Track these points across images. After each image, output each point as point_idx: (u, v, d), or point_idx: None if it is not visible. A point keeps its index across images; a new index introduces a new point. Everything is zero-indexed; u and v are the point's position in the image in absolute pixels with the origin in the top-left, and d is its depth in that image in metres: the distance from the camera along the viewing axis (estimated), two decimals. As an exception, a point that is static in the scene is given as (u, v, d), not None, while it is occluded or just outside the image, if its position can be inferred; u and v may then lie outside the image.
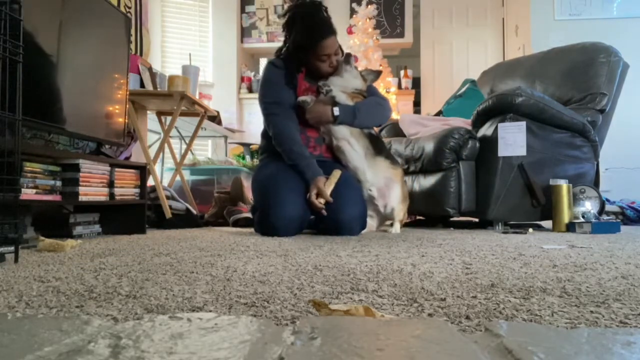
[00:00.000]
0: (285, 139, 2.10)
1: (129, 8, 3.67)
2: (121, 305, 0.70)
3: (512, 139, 2.42)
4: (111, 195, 2.06)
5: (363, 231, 2.13)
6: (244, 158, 4.32)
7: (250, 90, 5.25)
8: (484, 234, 2.12)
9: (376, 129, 2.46)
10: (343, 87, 2.17)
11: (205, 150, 4.86)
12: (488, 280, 0.90)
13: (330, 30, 2.11)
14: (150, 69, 2.99)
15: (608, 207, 2.93)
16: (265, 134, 2.27)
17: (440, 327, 0.57)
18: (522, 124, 2.43)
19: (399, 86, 5.44)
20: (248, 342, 0.49)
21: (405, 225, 2.65)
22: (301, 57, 2.16)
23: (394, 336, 0.51)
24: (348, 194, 2.04)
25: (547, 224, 2.64)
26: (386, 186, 2.21)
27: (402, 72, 5.58)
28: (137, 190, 2.27)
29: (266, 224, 1.99)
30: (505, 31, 5.29)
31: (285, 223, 1.95)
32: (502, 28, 5.35)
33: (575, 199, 2.45)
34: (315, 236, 2.00)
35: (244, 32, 5.46)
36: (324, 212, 1.98)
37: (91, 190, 1.92)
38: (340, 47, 2.23)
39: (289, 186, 2.00)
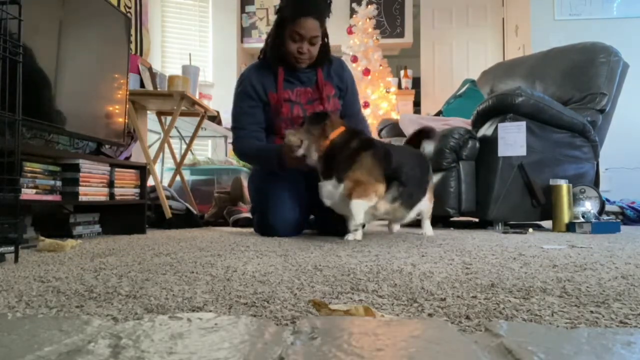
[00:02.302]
0: (248, 154, 2.12)
1: (129, 8, 3.67)
2: (121, 305, 0.70)
3: (512, 139, 2.42)
4: (111, 195, 2.06)
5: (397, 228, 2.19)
6: (244, 158, 4.31)
7: (250, 90, 5.25)
8: (484, 234, 2.12)
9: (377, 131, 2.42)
10: None
11: (205, 150, 4.86)
12: (488, 280, 0.90)
13: (316, 13, 1.94)
14: (150, 69, 2.99)
15: (608, 207, 2.93)
16: None
17: (440, 327, 0.57)
18: (522, 124, 2.43)
19: (399, 86, 5.44)
20: (248, 342, 0.49)
21: (405, 225, 2.65)
22: (280, 37, 2.00)
23: (394, 336, 0.51)
24: None
25: (547, 224, 2.64)
26: None
27: (402, 72, 5.58)
28: (137, 190, 2.27)
29: (265, 226, 2.00)
30: (505, 31, 5.29)
31: (284, 225, 1.95)
32: (502, 28, 5.35)
33: (575, 199, 2.45)
34: (315, 236, 2.00)
35: (244, 32, 5.47)
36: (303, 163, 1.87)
37: (91, 190, 1.92)
38: (325, 45, 2.07)
39: (286, 188, 2.00)
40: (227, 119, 4.67)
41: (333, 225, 2.03)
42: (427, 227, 2.09)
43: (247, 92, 2.07)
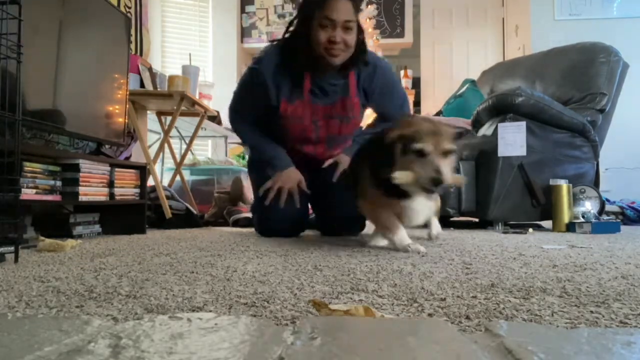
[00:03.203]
0: (250, 137, 2.04)
1: (129, 8, 3.67)
2: (121, 305, 0.70)
3: (512, 139, 2.42)
4: (111, 195, 2.06)
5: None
6: (244, 158, 4.32)
7: (250, 90, 5.24)
8: (484, 234, 2.12)
9: None
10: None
11: (205, 150, 4.86)
12: (488, 280, 0.90)
13: None
14: (150, 69, 2.98)
15: (608, 207, 2.93)
16: None
17: (440, 327, 0.57)
18: (522, 124, 2.43)
19: (399, 86, 5.43)
20: (248, 342, 0.49)
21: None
22: (307, 32, 1.74)
23: (394, 336, 0.51)
24: (347, 194, 2.00)
25: (547, 224, 2.64)
26: None
27: (402, 72, 5.58)
28: (137, 190, 2.27)
29: (265, 227, 1.99)
30: (505, 31, 5.29)
31: (285, 226, 1.94)
32: (502, 28, 5.35)
33: (575, 199, 2.45)
34: (315, 236, 2.00)
35: (244, 32, 5.46)
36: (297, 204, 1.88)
37: (91, 190, 1.92)
38: (361, 32, 1.80)
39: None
40: (227, 119, 4.68)
41: (334, 225, 2.03)
42: (435, 225, 2.02)
43: (256, 87, 1.87)
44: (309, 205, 2.12)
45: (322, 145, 1.99)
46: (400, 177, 1.31)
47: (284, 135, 1.96)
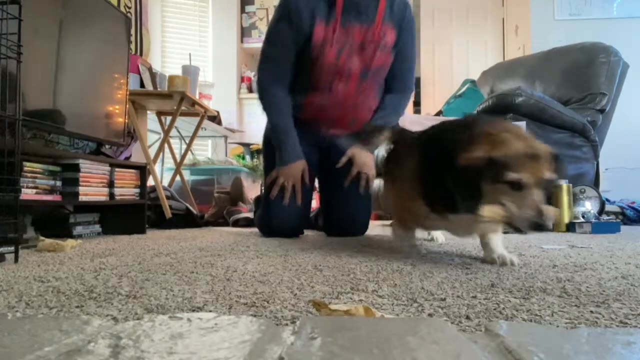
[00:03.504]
0: (272, 110, 1.92)
1: (129, 8, 3.67)
2: (121, 305, 0.70)
3: (512, 139, 2.43)
4: (111, 195, 2.06)
5: None
6: (244, 158, 4.32)
7: (250, 90, 5.24)
8: (484, 234, 2.12)
9: None
10: None
11: (205, 150, 4.86)
12: (488, 280, 0.90)
13: None
14: (150, 69, 2.98)
15: (608, 207, 2.93)
16: None
17: (440, 327, 0.57)
18: (522, 124, 2.43)
19: (399, 86, 5.43)
20: (248, 342, 0.49)
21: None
22: None
23: (394, 336, 0.51)
24: (353, 194, 1.98)
25: (547, 224, 2.64)
26: None
27: (402, 72, 5.58)
28: (137, 190, 2.26)
29: (267, 226, 1.99)
30: (505, 31, 5.29)
31: (285, 228, 1.93)
32: (502, 28, 5.35)
33: (575, 199, 2.45)
34: (315, 236, 2.00)
35: (244, 32, 5.46)
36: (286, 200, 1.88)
37: (91, 190, 1.92)
38: None
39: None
40: (227, 118, 4.69)
41: (339, 224, 2.02)
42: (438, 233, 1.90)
43: (289, 17, 1.79)
44: (311, 203, 2.11)
45: (354, 83, 1.86)
46: (489, 215, 0.98)
47: (314, 77, 1.85)
